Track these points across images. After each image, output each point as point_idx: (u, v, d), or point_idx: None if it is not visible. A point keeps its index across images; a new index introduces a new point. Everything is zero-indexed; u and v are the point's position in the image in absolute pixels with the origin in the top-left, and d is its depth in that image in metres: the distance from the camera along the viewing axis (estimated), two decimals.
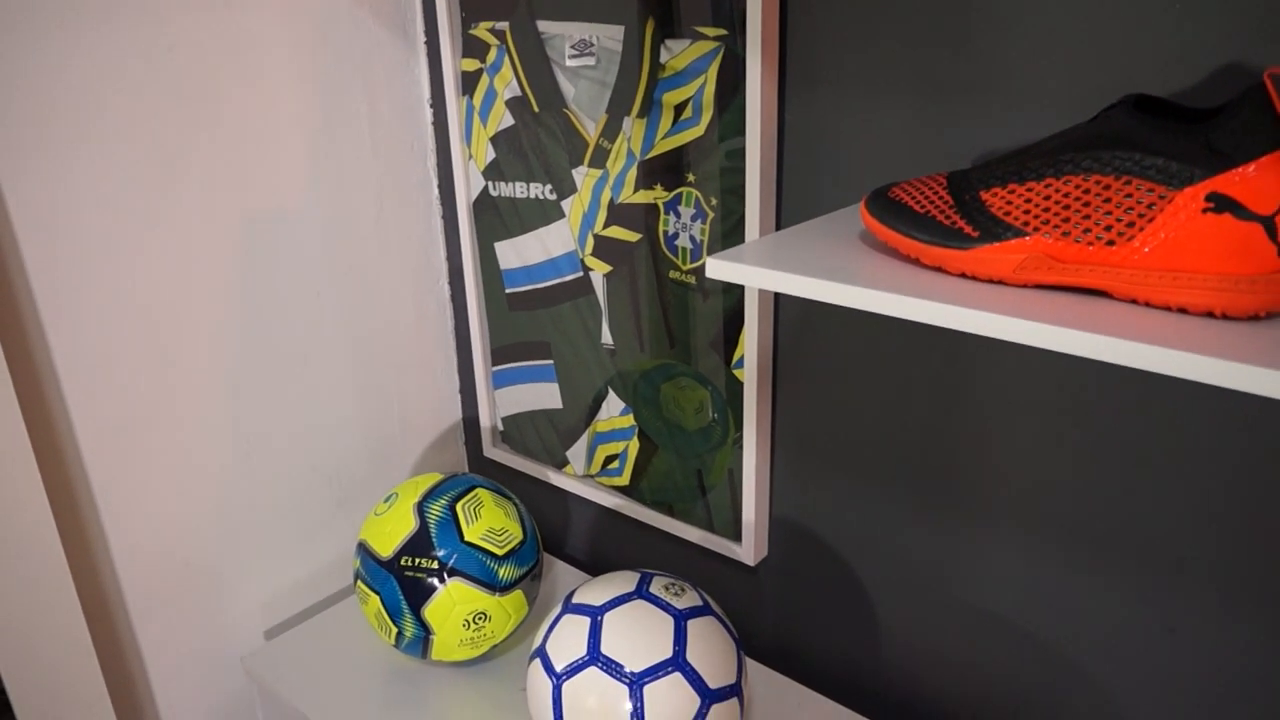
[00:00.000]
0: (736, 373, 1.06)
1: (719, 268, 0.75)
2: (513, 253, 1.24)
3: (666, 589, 0.97)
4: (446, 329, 1.40)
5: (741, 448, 1.09)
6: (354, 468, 1.33)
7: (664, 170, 1.05)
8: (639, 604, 0.94)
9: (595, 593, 0.97)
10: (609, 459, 1.25)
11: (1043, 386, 0.88)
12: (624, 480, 1.25)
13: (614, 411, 1.22)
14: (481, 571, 1.08)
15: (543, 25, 1.10)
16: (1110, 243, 0.63)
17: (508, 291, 1.27)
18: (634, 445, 1.21)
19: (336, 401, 1.29)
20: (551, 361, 1.26)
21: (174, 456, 1.13)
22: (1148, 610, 0.88)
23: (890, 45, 0.87)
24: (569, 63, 1.09)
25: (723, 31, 0.95)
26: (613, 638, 0.91)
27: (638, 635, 0.91)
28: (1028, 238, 0.66)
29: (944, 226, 0.70)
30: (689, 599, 0.96)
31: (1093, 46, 0.76)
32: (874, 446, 1.01)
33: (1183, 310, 0.62)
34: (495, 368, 1.34)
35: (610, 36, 1.04)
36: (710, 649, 0.93)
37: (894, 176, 0.91)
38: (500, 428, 1.38)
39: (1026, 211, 0.66)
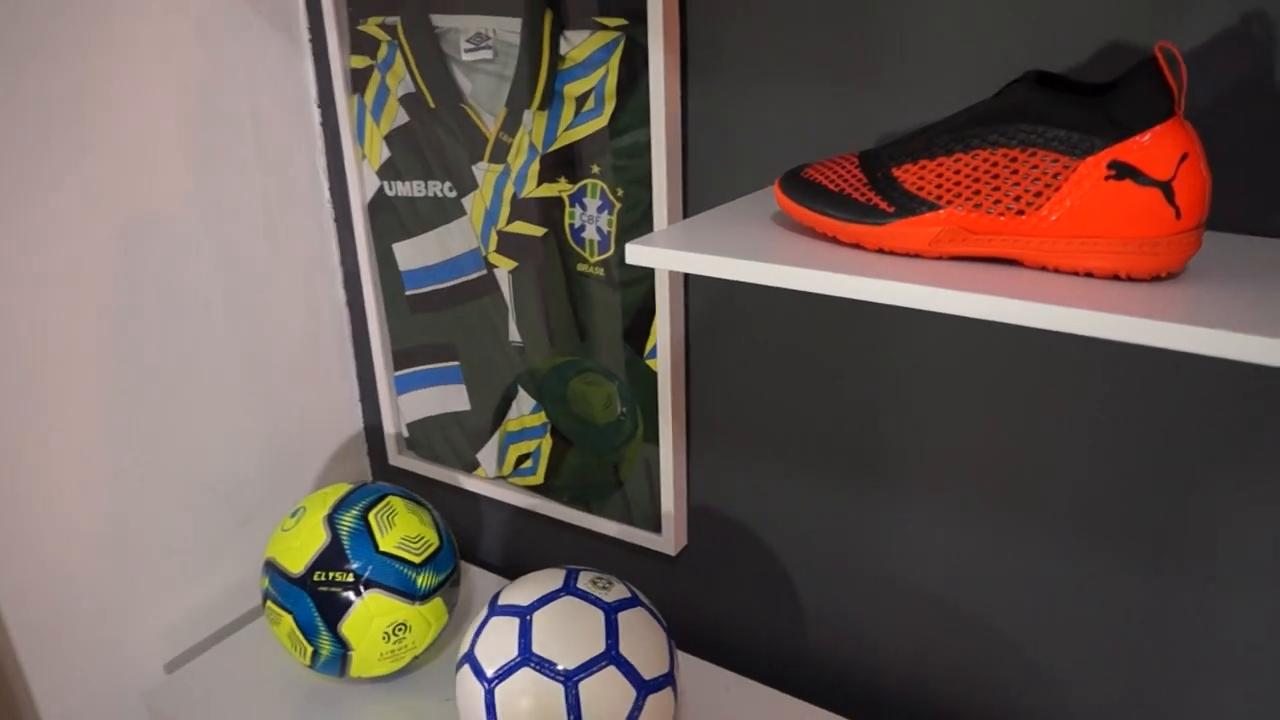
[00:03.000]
0: (650, 363, 1.06)
1: (639, 253, 0.75)
2: (413, 253, 1.21)
3: (594, 583, 0.96)
4: (343, 335, 1.36)
5: (657, 438, 1.09)
6: (253, 485, 1.28)
7: (567, 163, 1.04)
8: (568, 600, 0.93)
9: (522, 592, 0.95)
10: (521, 458, 1.23)
11: (951, 357, 0.91)
12: (538, 479, 1.23)
13: (525, 410, 1.20)
14: (399, 581, 1.05)
15: (436, 19, 1.07)
16: (1020, 212, 0.65)
17: (408, 293, 1.24)
18: (547, 443, 1.20)
19: (231, 416, 1.23)
20: (458, 363, 1.24)
21: (57, 484, 1.06)
22: (1060, 568, 0.92)
23: (789, 30, 0.88)
24: (465, 57, 1.07)
25: (623, 21, 0.95)
26: (544, 636, 0.90)
27: (569, 632, 0.90)
28: (941, 211, 0.68)
29: (859, 204, 0.71)
30: (617, 592, 0.96)
31: (987, 26, 0.79)
32: (789, 428, 1.03)
33: (1089, 274, 0.65)
34: (398, 372, 1.30)
35: (507, 29, 1.03)
36: (642, 640, 0.92)
37: (797, 159, 0.92)
38: (406, 434, 1.34)
39: (939, 186, 0.68)
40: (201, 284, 1.16)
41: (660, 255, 0.74)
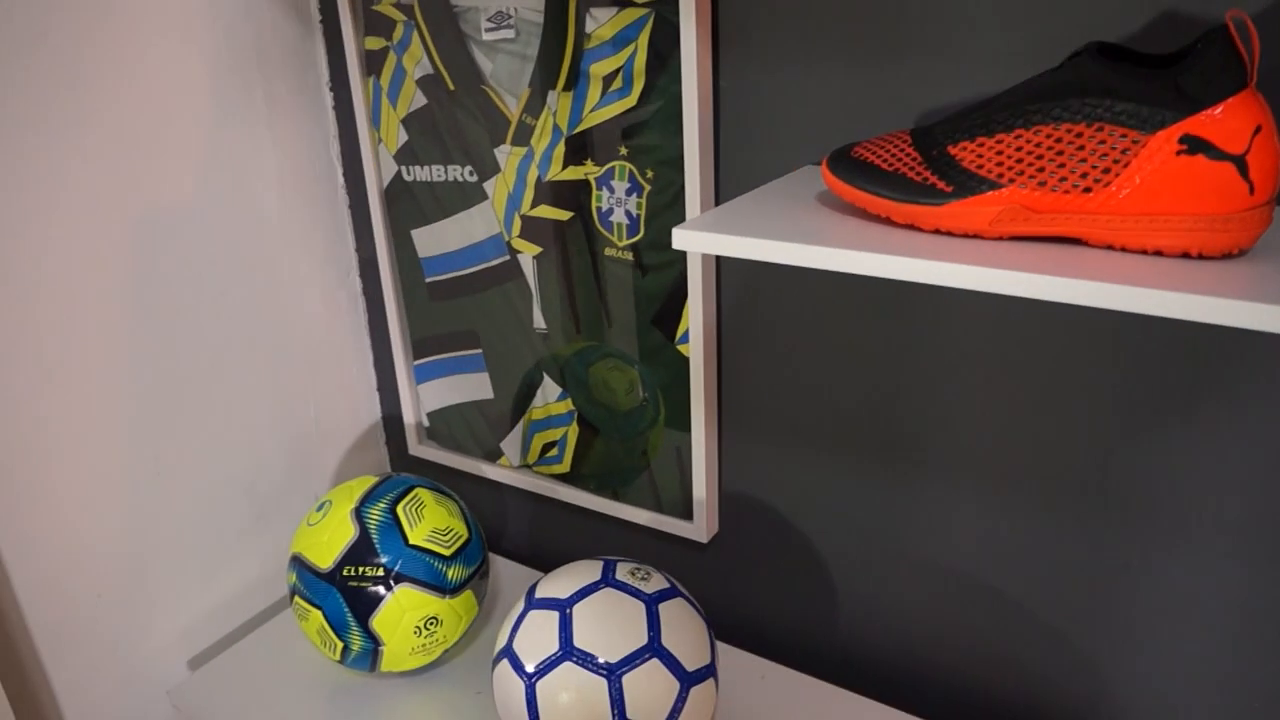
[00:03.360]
0: (681, 348, 1.04)
1: (687, 238, 0.73)
2: (432, 239, 1.18)
3: (632, 574, 0.94)
4: (360, 324, 1.33)
5: (682, 424, 1.07)
6: (271, 477, 1.25)
7: (593, 145, 1.02)
8: (608, 592, 0.91)
9: (559, 585, 0.93)
10: (547, 446, 1.21)
11: (981, 338, 0.89)
12: (564, 467, 1.21)
13: (550, 398, 1.18)
14: (430, 574, 1.03)
15: None
16: (1087, 190, 0.63)
17: (428, 280, 1.21)
18: (573, 430, 1.18)
19: (248, 408, 1.21)
20: (480, 350, 1.21)
21: (76, 480, 1.04)
22: (1103, 550, 0.91)
23: (821, 6, 0.85)
24: (485, 36, 1.04)
25: None
26: (585, 629, 0.88)
27: (610, 624, 0.88)
28: (1003, 189, 0.66)
29: (915, 183, 0.69)
30: (656, 582, 0.94)
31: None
32: (821, 412, 1.01)
33: (1159, 253, 0.63)
34: (418, 361, 1.28)
35: (529, 7, 1.00)
36: (684, 631, 0.91)
37: (830, 138, 0.90)
38: (426, 423, 1.32)
39: (999, 164, 0.66)
40: (217, 275, 1.13)
41: (710, 240, 0.71)
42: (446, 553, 1.05)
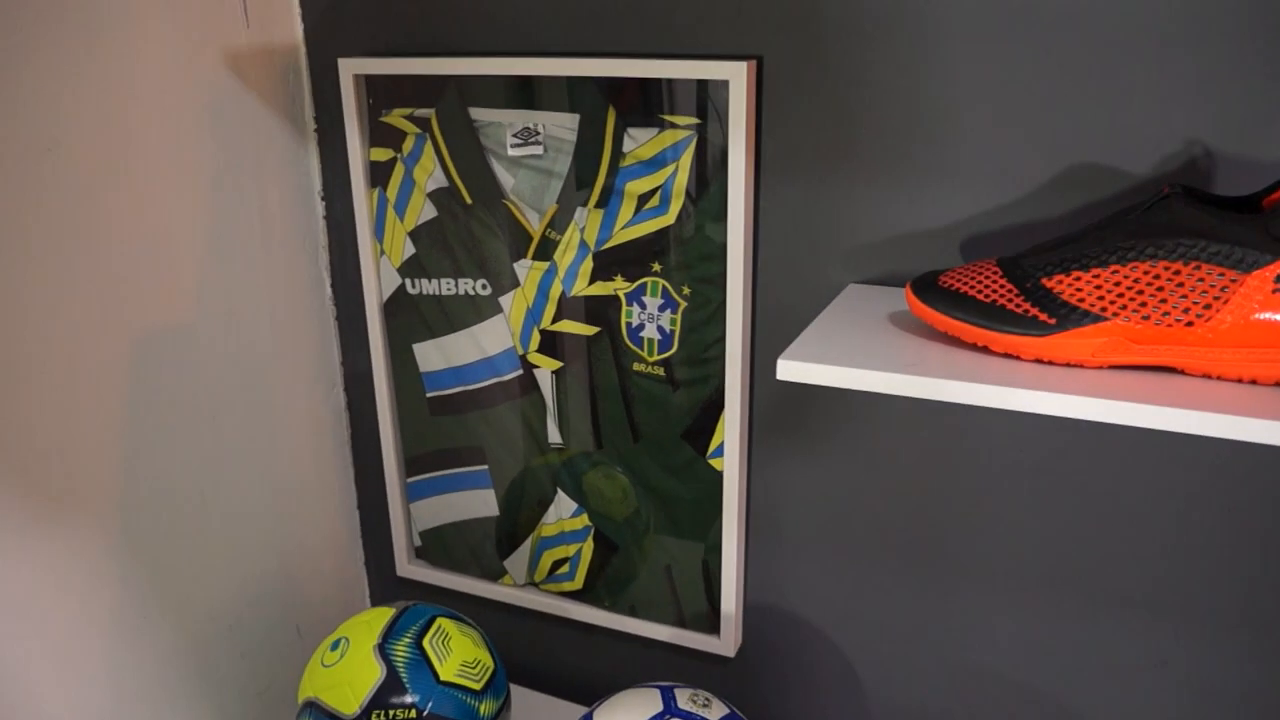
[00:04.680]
0: (713, 462, 1.04)
1: (792, 369, 0.73)
2: (437, 354, 1.15)
3: (693, 700, 0.91)
4: (343, 440, 1.27)
5: (721, 535, 1.06)
6: (255, 610, 1.16)
7: (624, 261, 1.01)
8: None
9: (619, 717, 0.90)
10: (557, 564, 1.17)
11: (1018, 450, 0.93)
12: (576, 584, 1.17)
13: (564, 514, 1.15)
14: (463, 712, 0.98)
15: (475, 113, 1.03)
16: (1189, 324, 0.67)
17: (429, 395, 1.17)
18: (588, 547, 1.15)
19: (234, 536, 1.12)
20: (485, 467, 1.17)
21: (63, 626, 0.93)
22: (1138, 647, 0.94)
23: (857, 132, 0.89)
24: (511, 152, 1.03)
25: (695, 120, 0.93)
26: None
27: None
28: (1107, 322, 0.69)
29: (1015, 314, 0.72)
30: (718, 709, 0.92)
31: (1048, 127, 0.82)
32: (850, 520, 1.02)
33: (1254, 381, 0.68)
34: (412, 478, 1.22)
35: (560, 124, 0.99)
36: None
37: (867, 258, 0.92)
38: (418, 542, 1.26)
39: (1100, 297, 0.70)
40: (208, 394, 1.06)
41: (820, 371, 0.72)
42: (477, 687, 1.00)
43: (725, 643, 1.10)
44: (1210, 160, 0.78)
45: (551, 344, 1.08)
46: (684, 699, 0.91)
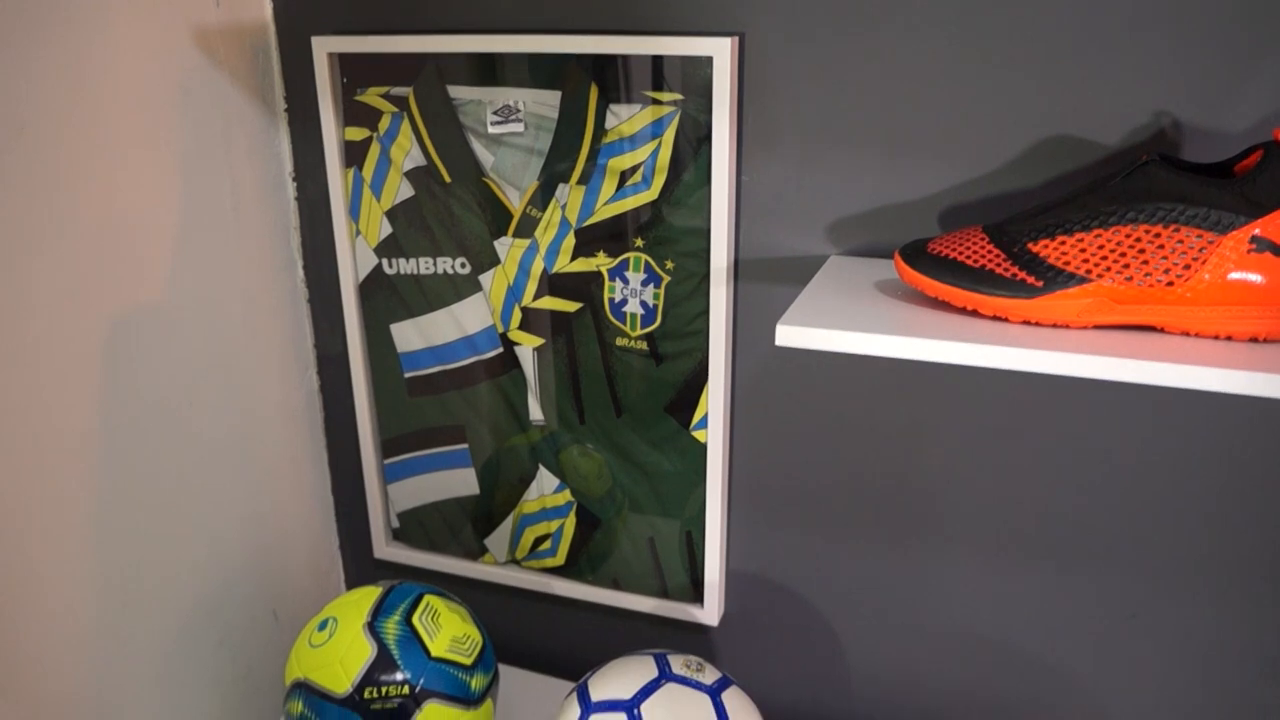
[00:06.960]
0: (697, 434, 1.05)
1: (791, 334, 0.75)
2: (415, 334, 1.14)
3: (687, 666, 0.93)
4: (316, 423, 1.25)
5: (703, 508, 1.08)
6: (233, 595, 1.15)
7: (607, 237, 1.02)
8: (671, 688, 0.90)
9: (615, 685, 0.91)
10: (539, 540, 1.18)
11: (994, 414, 0.96)
12: (559, 560, 1.18)
13: (546, 490, 1.15)
14: (455, 687, 0.98)
15: (454, 90, 1.03)
16: (1169, 284, 0.71)
17: (407, 376, 1.16)
18: (570, 522, 1.16)
19: (208, 523, 1.10)
20: (465, 445, 1.17)
21: (41, 620, 0.91)
22: (1107, 601, 0.98)
23: (833, 107, 0.91)
24: (491, 130, 1.03)
25: (678, 96, 0.94)
26: None
27: None
28: (1091, 283, 0.72)
29: (1004, 278, 0.75)
30: (710, 673, 0.94)
31: (1026, 100, 0.85)
32: (829, 488, 1.05)
33: (1229, 338, 0.72)
34: (389, 460, 1.22)
35: (541, 102, 1.00)
36: (748, 718, 0.91)
37: (842, 229, 0.94)
38: (396, 524, 1.25)
39: (1085, 260, 0.73)
40: (182, 377, 1.04)
41: (819, 336, 0.74)
42: (468, 662, 1.00)
43: (709, 612, 1.12)
44: (1179, 131, 0.82)
45: (533, 321, 1.09)
46: (678, 664, 0.93)
